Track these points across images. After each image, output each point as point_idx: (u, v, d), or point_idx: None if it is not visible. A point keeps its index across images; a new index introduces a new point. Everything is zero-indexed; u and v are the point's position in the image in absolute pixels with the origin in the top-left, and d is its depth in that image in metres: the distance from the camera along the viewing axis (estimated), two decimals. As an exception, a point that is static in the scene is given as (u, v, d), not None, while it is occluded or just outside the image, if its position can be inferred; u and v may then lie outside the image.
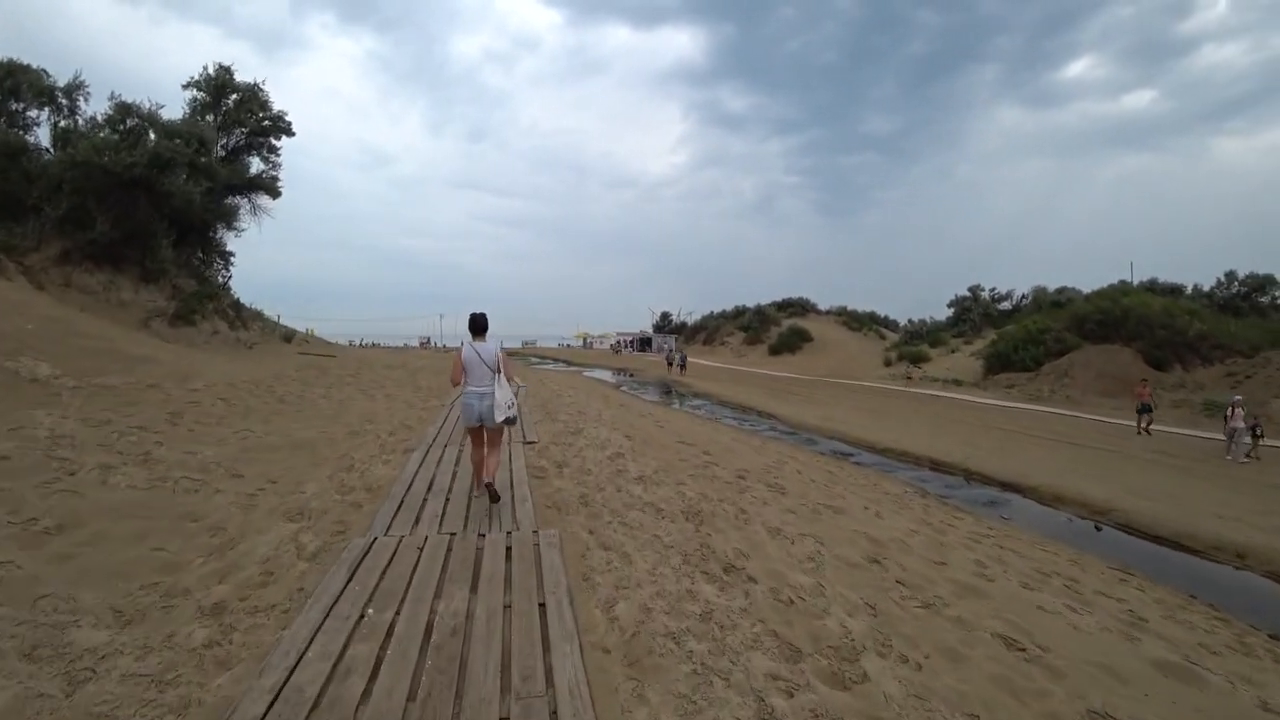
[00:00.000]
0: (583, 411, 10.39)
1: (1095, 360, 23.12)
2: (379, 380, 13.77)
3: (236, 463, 5.98)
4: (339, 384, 11.92)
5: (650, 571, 3.84)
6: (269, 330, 18.28)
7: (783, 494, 6.33)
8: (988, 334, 35.66)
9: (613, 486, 5.75)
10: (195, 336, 14.71)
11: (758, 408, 21.99)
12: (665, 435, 8.95)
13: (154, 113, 15.84)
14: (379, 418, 9.12)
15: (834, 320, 56.35)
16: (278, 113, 19.08)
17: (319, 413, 8.95)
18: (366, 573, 3.66)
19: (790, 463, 9.45)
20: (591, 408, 11.03)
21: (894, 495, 8.70)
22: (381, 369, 16.66)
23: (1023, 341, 26.21)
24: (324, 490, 5.42)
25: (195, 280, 17.01)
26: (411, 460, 6.49)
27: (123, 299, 14.49)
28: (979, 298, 40.86)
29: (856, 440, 14.43)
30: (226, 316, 16.75)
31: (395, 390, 12.39)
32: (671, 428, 10.02)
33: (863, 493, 8.10)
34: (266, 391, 9.70)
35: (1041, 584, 5.05)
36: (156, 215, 15.28)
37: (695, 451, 7.90)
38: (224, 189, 17.39)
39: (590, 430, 8.54)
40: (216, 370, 10.72)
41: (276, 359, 14.60)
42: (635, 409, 12.23)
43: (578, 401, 11.93)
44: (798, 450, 12.63)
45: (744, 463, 7.80)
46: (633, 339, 69.44)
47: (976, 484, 10.69)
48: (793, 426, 16.81)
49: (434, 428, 8.33)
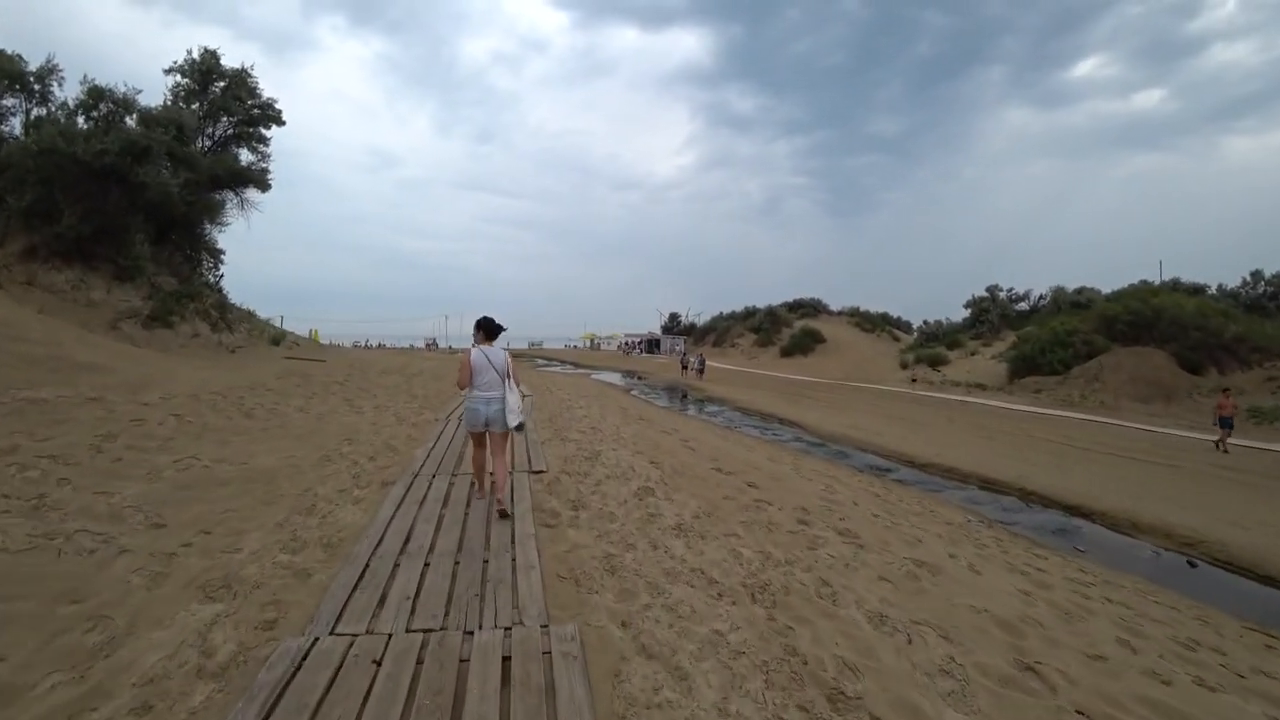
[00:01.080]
0: (597, 428, 9.10)
1: (1127, 363, 22.10)
2: (369, 388, 12.54)
3: (165, 506, 4.72)
4: (322, 393, 10.68)
5: (720, 707, 2.54)
6: (257, 333, 17.11)
7: (860, 546, 5.00)
8: (1006, 336, 34.44)
9: (645, 541, 4.45)
10: (171, 340, 13.53)
11: (779, 415, 20.86)
12: (696, 459, 7.63)
13: (129, 97, 14.69)
14: (361, 436, 7.86)
15: (846, 321, 55.51)
16: (267, 100, 17.91)
17: (290, 431, 7.70)
18: (287, 716, 2.38)
19: (840, 488, 8.13)
20: (608, 423, 9.73)
21: (958, 526, 7.46)
22: (375, 375, 15.42)
23: (1049, 344, 24.99)
24: (267, 547, 4.15)
25: (176, 279, 15.85)
26: (390, 498, 5.21)
27: (92, 299, 13.33)
28: (997, 298, 39.43)
29: (893, 453, 13.24)
30: (209, 318, 15.57)
31: (386, 400, 11.15)
32: (701, 447, 8.71)
33: (924, 524, 6.84)
34: (234, 404, 8.46)
35: (1201, 666, 3.76)
36: (130, 208, 14.12)
37: (737, 482, 6.58)
38: (208, 181, 16.22)
39: (609, 454, 7.25)
40: (183, 378, 9.51)
41: (259, 364, 13.39)
42: (656, 423, 10.92)
43: (590, 415, 10.64)
44: (835, 467, 11.42)
45: (797, 497, 6.48)
46: (641, 340, 68.32)
47: (1035, 505, 9.53)
48: (820, 437, 15.64)
49: (424, 450, 7.05)
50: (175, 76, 17.01)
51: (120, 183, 13.73)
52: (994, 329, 36.60)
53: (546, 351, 74.07)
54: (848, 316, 56.84)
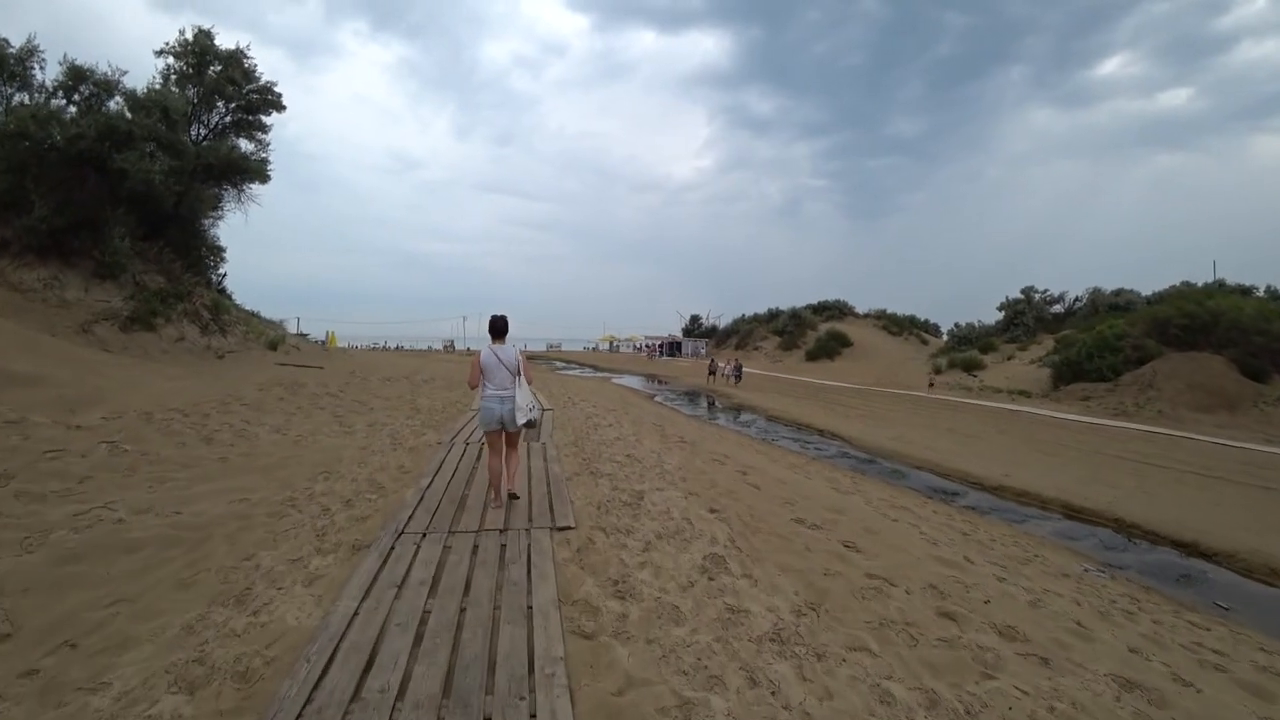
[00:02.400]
0: (634, 454, 7.52)
1: (1182, 370, 20.48)
2: (366, 399, 11.11)
3: (27, 594, 3.27)
4: (310, 407, 9.27)
5: None
6: (254, 336, 15.85)
7: (1044, 660, 3.36)
8: (1043, 339, 32.80)
9: (735, 667, 2.87)
10: (152, 345, 12.28)
11: (817, 425, 19.36)
12: (764, 501, 6.01)
13: (111, 79, 13.50)
14: (343, 467, 6.39)
15: (873, 324, 54.47)
16: (266, 84, 16.67)
17: (256, 460, 6.25)
18: None
19: (930, 529, 6.52)
20: (645, 448, 8.14)
21: (1080, 581, 6.12)
22: (377, 383, 14.01)
23: (1096, 348, 23.36)
24: (150, 680, 2.65)
25: (165, 278, 14.63)
26: (356, 579, 3.69)
27: (66, 298, 12.13)
28: (1032, 300, 37.76)
29: (954, 473, 11.85)
30: (199, 320, 14.34)
31: (384, 415, 9.70)
32: (764, 481, 7.06)
33: (1044, 581, 5.34)
34: (194, 425, 7.05)
35: None
36: (111, 199, 12.92)
37: (829, 543, 4.95)
38: (200, 171, 15.00)
39: (654, 495, 5.66)
40: (144, 391, 8.16)
41: (246, 372, 12.06)
42: (701, 446, 9.30)
43: (623, 435, 9.05)
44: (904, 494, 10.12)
45: (907, 559, 4.84)
46: (661, 343, 66.98)
47: (1139, 542, 8.26)
48: (868, 451, 14.28)
49: (416, 490, 5.54)
50: (167, 59, 15.83)
51: (99, 171, 12.54)
52: (1029, 332, 35.11)
53: (565, 354, 72.80)
54: (874, 319, 55.91)
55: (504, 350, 5.01)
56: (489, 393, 4.94)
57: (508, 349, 5.03)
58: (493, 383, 4.94)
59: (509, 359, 4.98)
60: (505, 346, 5.05)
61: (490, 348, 5.04)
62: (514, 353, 5.03)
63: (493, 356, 4.97)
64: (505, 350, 5.01)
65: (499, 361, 4.95)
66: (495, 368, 4.94)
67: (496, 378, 4.94)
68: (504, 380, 4.93)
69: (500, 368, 4.94)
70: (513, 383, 4.94)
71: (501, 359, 4.96)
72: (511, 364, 4.97)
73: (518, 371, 4.97)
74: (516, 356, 5.02)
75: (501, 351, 4.99)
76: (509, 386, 4.93)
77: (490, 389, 4.94)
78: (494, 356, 4.97)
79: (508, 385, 4.93)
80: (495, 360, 4.95)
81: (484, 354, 5.02)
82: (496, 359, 4.96)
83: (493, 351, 4.99)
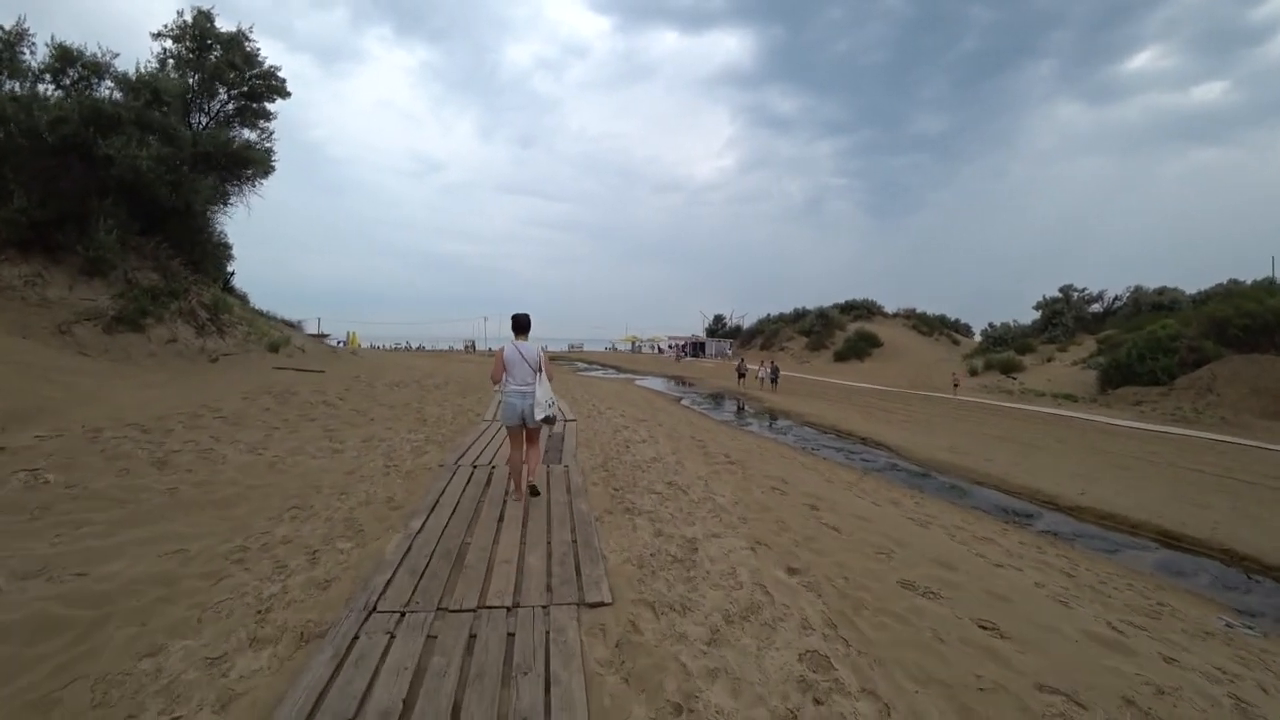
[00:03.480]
0: (675, 481, 6.21)
1: (1245, 373, 19.38)
2: (368, 407, 9.99)
3: None
4: (298, 420, 8.15)
5: None
6: (256, 337, 14.91)
7: None
8: (1083, 340, 31.96)
9: None
10: (139, 347, 11.34)
11: (859, 433, 18.14)
12: (854, 552, 4.64)
13: (100, 60, 12.63)
14: (319, 499, 5.22)
15: (902, 324, 53.56)
16: (269, 68, 15.73)
17: (214, 491, 5.10)
18: None
19: (1036, 572, 5.15)
20: (687, 472, 6.80)
21: (1224, 638, 5.00)
22: (383, 388, 12.91)
23: (1148, 349, 22.33)
24: None
25: (159, 274, 13.75)
26: (293, 698, 2.46)
27: (47, 297, 11.25)
28: (1071, 299, 36.36)
29: (1021, 490, 10.80)
30: (195, 320, 13.42)
31: (384, 427, 8.56)
32: (846, 523, 5.66)
33: (1177, 637, 4.22)
34: (151, 445, 5.95)
35: None
36: (100, 189, 12.03)
37: (956, 619, 3.60)
38: (197, 160, 14.09)
39: (711, 547, 4.35)
40: (107, 402, 7.12)
41: (238, 376, 11.05)
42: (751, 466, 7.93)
43: (660, 454, 7.74)
44: (977, 518, 8.86)
45: (1087, 660, 3.47)
46: (685, 343, 65.65)
47: (1258, 577, 7.12)
48: (919, 464, 13.28)
49: (404, 536, 4.32)
50: (164, 42, 14.96)
51: (84, 158, 11.65)
52: (1068, 332, 34.03)
53: (586, 354, 71.76)
54: (904, 318, 55.09)
55: (526, 347, 5.09)
56: (511, 388, 5.03)
57: (530, 345, 5.12)
58: (515, 378, 5.03)
59: (531, 355, 5.05)
60: (527, 343, 5.14)
61: (513, 343, 5.12)
62: (536, 349, 5.10)
63: (515, 352, 5.05)
64: (527, 347, 5.10)
65: (521, 357, 5.04)
66: (517, 363, 5.03)
67: (518, 373, 5.02)
68: (525, 376, 5.01)
69: (522, 363, 5.03)
70: (534, 378, 5.00)
71: (524, 355, 5.05)
72: (534, 360, 5.04)
73: (539, 368, 5.03)
74: (538, 353, 5.08)
75: (524, 348, 5.08)
76: (530, 382, 5.00)
77: (512, 384, 5.03)
78: (517, 352, 5.05)
79: (529, 381, 5.00)
80: (518, 356, 5.04)
81: (507, 350, 5.10)
82: (519, 354, 5.04)
83: (515, 347, 5.07)
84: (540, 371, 5.05)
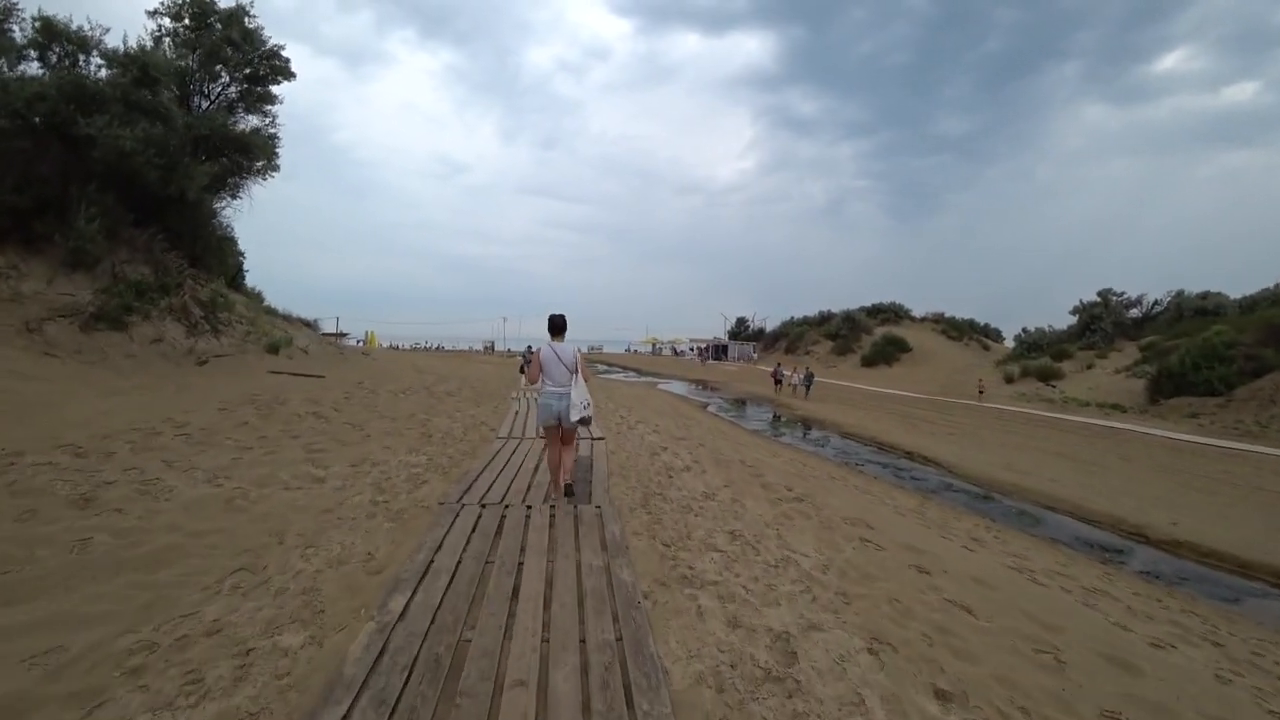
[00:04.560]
0: (738, 530, 4.85)
1: None
2: (365, 419, 8.77)
3: None
4: (280, 436, 6.96)
5: None
6: (255, 337, 13.89)
7: None
8: (1123, 346, 30.96)
9: None
10: (118, 347, 10.31)
11: (903, 446, 16.79)
12: (1006, 649, 3.29)
13: (87, 35, 11.67)
14: (277, 556, 3.98)
15: (931, 328, 52.20)
16: (272, 48, 14.71)
17: (140, 544, 3.90)
18: None
19: (1212, 654, 3.74)
20: (749, 512, 5.43)
21: None
22: (387, 395, 11.72)
23: (1202, 357, 20.90)
24: None
25: (151, 268, 12.76)
26: None
27: (21, 291, 10.27)
28: (1110, 303, 34.80)
29: (1099, 517, 9.69)
30: (188, 318, 12.40)
31: (380, 447, 7.33)
32: (977, 601, 4.28)
33: None
34: (79, 475, 4.77)
35: None
36: (79, 174, 11.04)
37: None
38: (195, 144, 13.09)
39: (813, 649, 3.02)
40: (47, 417, 5.99)
41: (226, 382, 9.95)
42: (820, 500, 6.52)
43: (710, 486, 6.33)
44: (1071, 558, 7.58)
45: None
46: (707, 345, 64.28)
47: None
48: (976, 483, 12.08)
49: (378, 630, 3.05)
50: (161, 20, 14.00)
51: (63, 140, 10.67)
52: (1108, 338, 32.85)
53: (607, 356, 70.53)
54: (932, 322, 53.55)
55: (563, 348, 5.12)
56: (548, 389, 5.07)
57: (566, 347, 5.14)
58: (552, 380, 5.06)
59: (567, 356, 5.08)
60: (564, 344, 5.15)
61: (550, 344, 5.15)
62: (572, 350, 5.14)
63: (552, 353, 5.08)
64: (564, 348, 5.12)
65: (558, 358, 5.07)
66: (554, 364, 5.06)
67: (555, 375, 5.06)
68: (562, 377, 5.05)
69: (559, 364, 5.06)
70: (570, 379, 5.03)
71: (560, 356, 5.07)
72: (570, 361, 5.08)
73: (575, 369, 5.06)
74: (574, 354, 5.13)
75: (560, 349, 5.10)
76: (567, 384, 5.03)
77: (549, 385, 5.06)
78: (553, 353, 5.08)
79: (565, 382, 5.04)
80: (554, 357, 5.07)
81: (544, 351, 5.13)
82: (555, 356, 5.07)
83: (552, 349, 5.10)
84: (576, 373, 5.03)
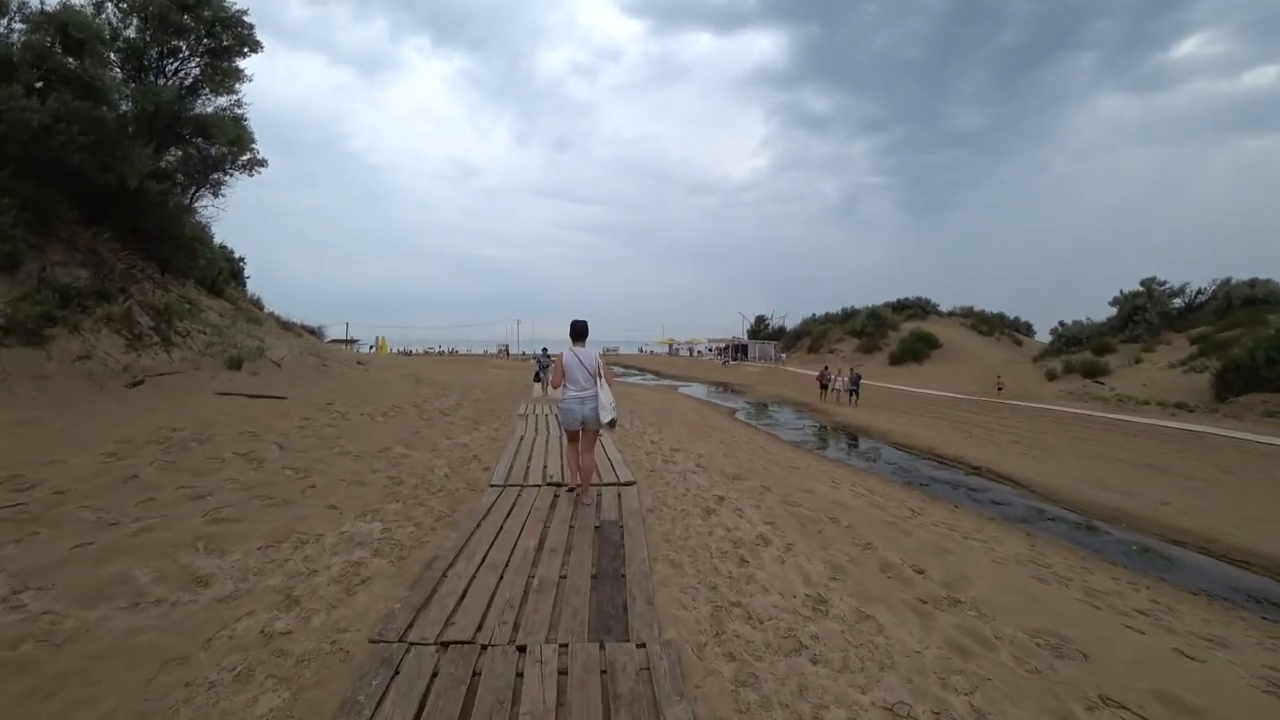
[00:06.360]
0: (899, 707, 2.72)
1: None
2: (316, 461, 6.60)
3: None
4: (180, 497, 4.86)
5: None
6: (216, 349, 11.94)
7: None
8: (1169, 338, 29.52)
9: None
10: (29, 366, 8.37)
11: (966, 459, 14.51)
12: None
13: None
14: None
15: (960, 323, 50.06)
16: (234, 12, 12.74)
17: None
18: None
19: None
20: (900, 646, 3.30)
21: None
22: (361, 420, 9.58)
23: (1277, 350, 19.79)
24: None
25: (91, 271, 10.84)
26: None
27: (-91, 301, 8.37)
28: (1154, 294, 33.00)
29: (1244, 556, 7.73)
30: (131, 329, 10.46)
31: (323, 506, 5.21)
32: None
33: None
34: None
35: None
36: None
37: None
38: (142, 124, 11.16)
39: None
40: None
41: (153, 409, 7.93)
42: (976, 606, 4.30)
43: (819, 592, 4.08)
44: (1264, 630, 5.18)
45: None
46: (726, 345, 62.16)
47: None
48: (1070, 507, 10.03)
49: None
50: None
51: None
52: (1153, 330, 31.37)
53: (623, 358, 68.49)
54: (961, 317, 51.64)
55: (584, 353, 5.30)
56: (570, 394, 5.26)
57: (588, 352, 5.33)
58: (574, 385, 5.25)
59: (589, 361, 5.26)
60: (585, 349, 5.33)
61: (571, 350, 5.34)
62: (593, 355, 5.33)
63: (574, 359, 5.26)
64: (586, 353, 5.30)
65: (580, 363, 5.24)
66: (576, 369, 5.23)
67: (578, 379, 5.23)
68: (584, 382, 5.22)
69: (581, 369, 5.22)
70: (592, 384, 5.20)
71: (582, 361, 5.24)
72: (591, 366, 5.24)
73: (597, 374, 5.22)
74: (596, 359, 5.31)
75: (582, 354, 5.28)
76: (588, 388, 5.20)
77: (571, 390, 5.25)
78: (575, 358, 5.26)
79: (587, 387, 5.21)
80: (576, 362, 5.24)
81: (566, 356, 5.32)
82: (578, 361, 5.25)
83: (574, 354, 5.28)
84: (599, 377, 5.19)
